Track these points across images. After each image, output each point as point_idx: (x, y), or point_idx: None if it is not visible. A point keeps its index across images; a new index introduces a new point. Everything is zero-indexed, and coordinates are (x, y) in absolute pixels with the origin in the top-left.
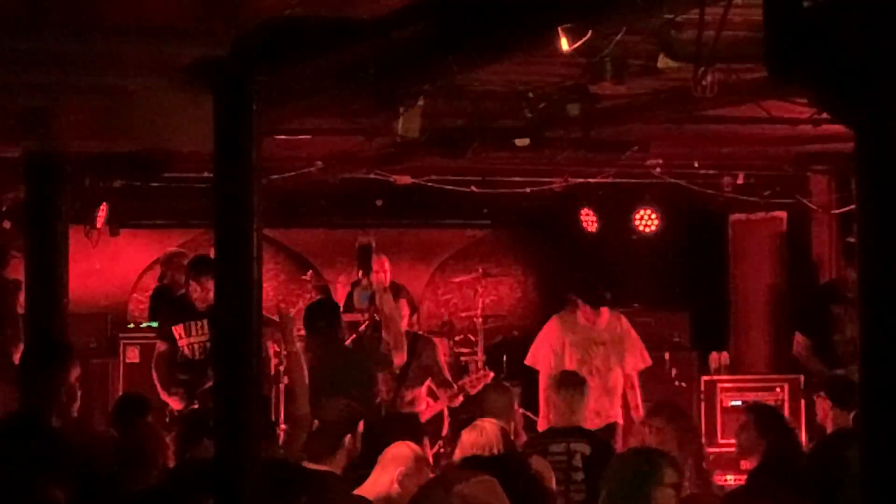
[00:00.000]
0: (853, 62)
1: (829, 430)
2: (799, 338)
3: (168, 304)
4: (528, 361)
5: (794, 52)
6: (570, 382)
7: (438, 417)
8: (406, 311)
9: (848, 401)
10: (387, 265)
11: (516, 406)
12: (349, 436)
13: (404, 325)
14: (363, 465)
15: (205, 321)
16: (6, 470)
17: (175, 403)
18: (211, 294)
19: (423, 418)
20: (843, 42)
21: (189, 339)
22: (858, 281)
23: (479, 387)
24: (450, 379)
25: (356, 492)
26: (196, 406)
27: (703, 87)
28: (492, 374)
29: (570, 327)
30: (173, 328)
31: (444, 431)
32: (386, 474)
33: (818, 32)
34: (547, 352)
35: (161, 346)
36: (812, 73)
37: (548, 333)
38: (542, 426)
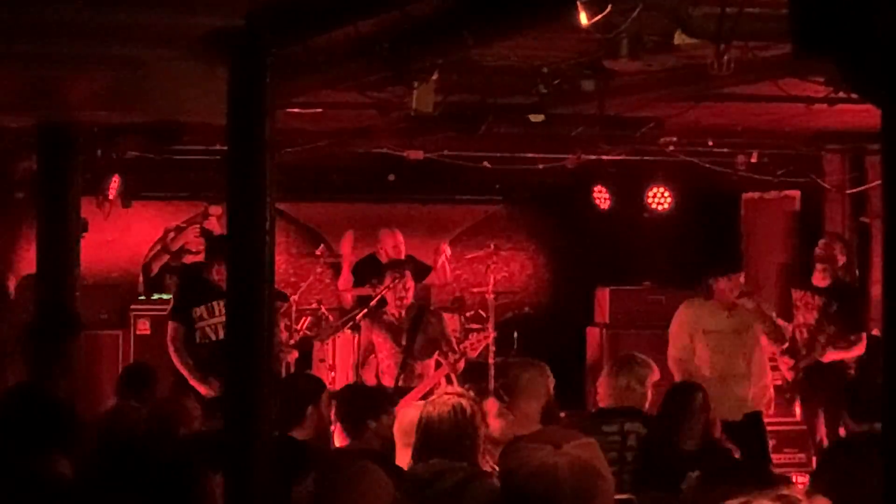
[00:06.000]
0: (881, 39)
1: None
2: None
3: (192, 285)
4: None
5: (821, 29)
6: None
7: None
8: (410, 283)
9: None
10: (400, 239)
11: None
12: (311, 406)
13: (409, 298)
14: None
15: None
16: (11, 441)
17: (211, 390)
18: None
19: (428, 387)
20: (871, 18)
21: (211, 319)
22: (882, 259)
23: (480, 349)
24: (455, 347)
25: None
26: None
27: (722, 65)
28: (493, 334)
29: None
30: (194, 309)
31: None
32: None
33: (845, 8)
34: None
35: (179, 328)
36: (839, 50)
37: None
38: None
